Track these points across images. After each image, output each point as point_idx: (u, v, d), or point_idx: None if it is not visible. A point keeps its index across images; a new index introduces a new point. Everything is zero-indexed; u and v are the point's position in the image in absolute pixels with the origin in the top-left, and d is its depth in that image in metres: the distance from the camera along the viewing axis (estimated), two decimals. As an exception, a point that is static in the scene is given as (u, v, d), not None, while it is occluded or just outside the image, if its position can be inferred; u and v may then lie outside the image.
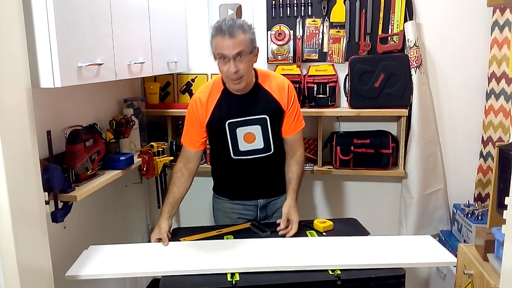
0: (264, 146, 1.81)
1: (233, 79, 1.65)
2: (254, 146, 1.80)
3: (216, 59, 1.66)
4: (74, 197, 1.59)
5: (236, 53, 1.59)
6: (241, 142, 1.79)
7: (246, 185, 1.91)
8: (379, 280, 1.40)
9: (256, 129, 1.78)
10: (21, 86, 1.18)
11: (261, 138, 1.79)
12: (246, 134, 1.78)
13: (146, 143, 2.30)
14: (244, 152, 1.81)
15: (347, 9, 2.31)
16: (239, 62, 1.61)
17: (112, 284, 2.19)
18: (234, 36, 1.58)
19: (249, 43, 1.63)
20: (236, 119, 1.76)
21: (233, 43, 1.58)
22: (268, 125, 1.78)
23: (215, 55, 1.65)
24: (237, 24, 1.61)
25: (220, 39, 1.59)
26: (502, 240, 1.27)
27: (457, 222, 2.26)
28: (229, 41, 1.58)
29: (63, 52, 1.31)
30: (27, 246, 1.21)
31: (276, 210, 1.96)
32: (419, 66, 2.25)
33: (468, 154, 2.38)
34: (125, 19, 1.73)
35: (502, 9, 2.10)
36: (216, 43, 1.61)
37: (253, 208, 1.94)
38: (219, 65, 1.66)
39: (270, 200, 1.95)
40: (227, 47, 1.58)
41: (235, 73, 1.62)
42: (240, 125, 1.77)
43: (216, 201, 2.03)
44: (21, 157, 1.18)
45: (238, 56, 1.60)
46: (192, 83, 2.59)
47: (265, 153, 1.82)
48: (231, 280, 1.38)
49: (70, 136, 1.68)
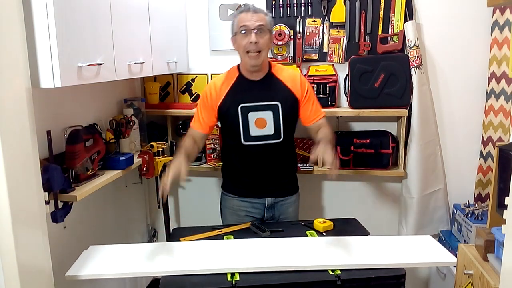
0: (275, 133, 1.85)
1: (252, 51, 1.75)
2: (264, 131, 1.84)
3: (236, 35, 1.79)
4: (74, 197, 1.59)
5: (258, 25, 1.74)
6: (252, 127, 1.83)
7: (255, 179, 1.92)
8: (379, 280, 1.40)
9: (268, 115, 1.83)
10: (21, 86, 1.18)
11: (272, 124, 1.84)
12: (258, 119, 1.83)
13: (146, 143, 2.30)
14: (255, 138, 1.84)
15: (347, 9, 2.31)
16: (259, 36, 1.74)
17: (112, 284, 2.19)
18: (257, 12, 1.77)
19: (269, 23, 1.80)
20: (248, 103, 1.82)
21: (256, 17, 1.75)
22: (279, 111, 1.83)
23: (237, 30, 1.78)
24: (256, 7, 1.82)
25: (244, 14, 1.77)
26: (502, 240, 1.27)
27: (457, 222, 2.26)
28: (253, 14, 1.75)
29: (63, 52, 1.31)
30: (27, 246, 1.21)
31: (283, 212, 1.97)
32: (419, 66, 2.25)
33: (468, 154, 2.38)
34: (125, 19, 1.73)
35: (502, 9, 2.10)
36: (239, 18, 1.77)
37: (260, 207, 1.95)
38: (239, 40, 1.77)
39: (277, 200, 1.95)
40: (250, 19, 1.74)
41: (255, 43, 1.73)
42: (253, 109, 1.82)
43: (224, 199, 2.03)
44: (21, 157, 1.18)
45: (259, 31, 1.74)
46: (192, 83, 2.59)
47: (274, 140, 1.86)
48: (231, 280, 1.38)
49: (70, 136, 1.68)
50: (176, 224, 2.77)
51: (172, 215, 2.71)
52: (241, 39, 1.76)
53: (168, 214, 2.55)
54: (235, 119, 1.83)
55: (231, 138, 1.88)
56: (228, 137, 1.93)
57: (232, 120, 1.84)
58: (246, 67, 1.84)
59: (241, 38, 1.76)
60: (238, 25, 1.77)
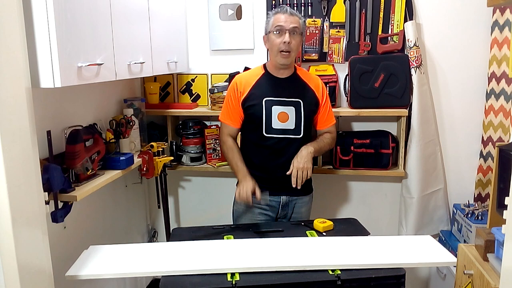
0: (295, 128, 1.93)
1: (284, 50, 1.84)
2: (286, 125, 1.92)
3: (269, 34, 1.88)
4: (74, 197, 1.59)
5: (292, 27, 1.83)
6: (274, 120, 1.91)
7: (272, 175, 1.94)
8: (379, 280, 1.40)
9: (290, 110, 1.92)
10: (21, 86, 1.18)
11: (294, 119, 1.92)
12: (281, 113, 1.91)
13: (146, 143, 2.30)
14: (276, 131, 1.92)
15: (347, 9, 2.31)
16: (292, 37, 1.84)
17: (112, 284, 2.19)
18: (293, 15, 1.86)
19: (302, 26, 1.89)
20: (273, 97, 1.91)
21: (292, 19, 1.84)
22: (301, 108, 1.93)
23: (272, 29, 1.86)
24: (292, 9, 1.90)
25: (280, 15, 1.85)
26: (502, 240, 1.27)
27: (457, 222, 2.26)
28: (289, 16, 1.85)
29: (63, 52, 1.31)
30: (27, 246, 1.21)
31: (296, 211, 2.00)
32: (419, 66, 2.25)
33: (468, 154, 2.38)
34: (125, 19, 1.73)
35: (502, 9, 2.10)
36: (275, 18, 1.86)
37: (275, 204, 1.98)
38: (272, 39, 1.87)
39: (292, 198, 1.98)
40: (285, 20, 1.84)
41: (288, 44, 1.82)
42: (276, 104, 1.91)
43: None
44: (21, 157, 1.18)
45: (292, 32, 1.83)
46: (192, 83, 2.59)
47: (294, 135, 1.93)
48: (231, 280, 1.38)
49: (70, 136, 1.68)
50: (176, 224, 2.77)
51: (172, 215, 2.71)
52: (274, 38, 1.86)
53: (168, 214, 2.56)
54: (259, 111, 1.90)
55: (253, 130, 1.94)
56: (250, 129, 1.97)
57: (255, 113, 1.91)
58: (274, 65, 1.93)
59: (274, 37, 1.85)
60: (273, 24, 1.86)
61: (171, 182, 2.66)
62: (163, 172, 2.40)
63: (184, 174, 2.72)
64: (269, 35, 1.89)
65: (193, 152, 2.51)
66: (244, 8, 2.44)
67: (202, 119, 2.57)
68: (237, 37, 2.48)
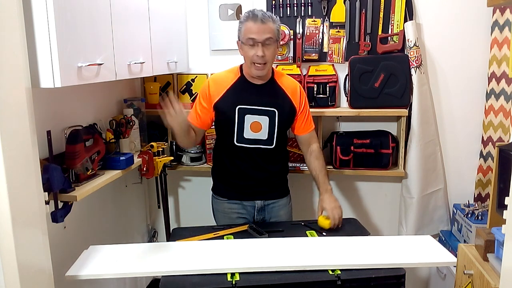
0: (268, 138, 1.85)
1: (258, 63, 1.73)
2: (258, 136, 1.84)
3: (242, 43, 1.76)
4: (74, 197, 1.59)
5: (265, 38, 1.70)
6: (246, 129, 1.83)
7: (244, 181, 1.91)
8: (379, 280, 1.40)
9: (264, 120, 1.83)
10: (21, 86, 1.18)
11: (267, 129, 1.84)
12: (253, 122, 1.83)
13: (146, 143, 2.30)
14: (248, 140, 1.84)
15: (347, 9, 2.31)
16: (266, 48, 1.72)
17: (112, 284, 2.19)
18: (265, 22, 1.70)
19: (276, 33, 1.75)
20: (246, 105, 1.81)
21: (264, 29, 1.70)
22: (276, 119, 1.83)
23: (243, 40, 1.74)
24: (267, 13, 1.74)
25: (251, 24, 1.71)
26: (502, 240, 1.27)
27: (457, 222, 2.26)
28: (261, 26, 1.70)
29: (63, 52, 1.31)
30: (27, 246, 1.21)
31: (274, 215, 1.97)
32: (419, 66, 2.25)
33: (468, 154, 2.38)
34: (125, 19, 1.73)
35: (502, 9, 2.10)
36: (246, 27, 1.72)
37: (250, 209, 1.95)
38: (245, 50, 1.75)
39: (268, 202, 1.95)
40: (257, 31, 1.70)
41: (262, 57, 1.71)
42: (250, 112, 1.82)
43: (215, 202, 2.04)
44: (21, 157, 1.18)
45: (266, 42, 1.71)
46: (192, 83, 2.59)
47: (266, 145, 1.86)
48: (231, 280, 1.38)
49: (70, 136, 1.68)
50: (176, 224, 2.77)
51: (172, 215, 2.71)
52: (247, 50, 1.74)
53: (168, 214, 2.56)
54: (231, 118, 1.81)
55: (224, 137, 1.88)
56: (221, 136, 1.91)
57: (227, 119, 1.82)
58: (249, 73, 1.83)
59: (247, 49, 1.74)
60: (245, 36, 1.73)
61: (171, 182, 2.66)
62: (163, 172, 2.41)
63: (184, 174, 2.72)
64: (243, 46, 1.76)
65: (193, 152, 2.51)
66: (244, 8, 2.44)
67: (202, 119, 2.57)
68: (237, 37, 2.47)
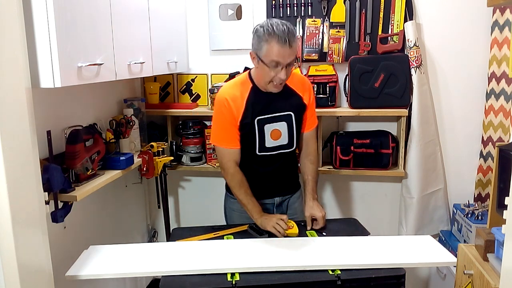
0: (288, 142, 1.84)
1: (278, 84, 1.68)
2: (279, 142, 1.83)
3: (261, 61, 1.64)
4: (74, 197, 1.59)
5: (290, 61, 1.63)
6: (267, 139, 1.81)
7: (265, 183, 1.90)
8: (379, 280, 1.40)
9: (282, 126, 1.82)
10: (21, 86, 1.18)
11: (286, 134, 1.83)
12: (273, 130, 1.81)
13: (146, 143, 2.30)
14: (269, 148, 1.83)
15: (347, 9, 2.31)
16: (288, 69, 1.65)
17: (112, 284, 2.19)
18: (292, 45, 1.59)
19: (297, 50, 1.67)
20: (264, 116, 1.78)
21: (291, 52, 1.61)
22: (293, 121, 1.82)
23: (265, 60, 1.62)
24: (291, 31, 1.60)
25: (278, 47, 1.58)
26: (502, 240, 1.27)
27: (457, 222, 2.26)
28: (289, 50, 1.59)
29: (63, 52, 1.31)
30: (27, 246, 1.21)
31: (290, 207, 1.98)
32: (419, 66, 2.25)
33: (468, 154, 2.38)
34: (125, 19, 1.73)
35: (502, 9, 2.10)
36: (270, 48, 1.59)
37: (269, 206, 1.94)
38: (265, 70, 1.65)
39: (285, 197, 1.97)
40: (284, 55, 1.59)
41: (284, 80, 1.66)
42: (268, 121, 1.79)
43: (231, 202, 1.99)
44: (21, 157, 1.18)
45: (289, 65, 1.64)
46: (192, 83, 2.59)
47: (288, 149, 1.86)
48: (231, 280, 1.38)
49: (70, 136, 1.68)
50: (176, 224, 2.77)
51: (172, 215, 2.71)
52: (268, 70, 1.64)
53: (168, 214, 2.56)
54: (251, 131, 1.79)
55: (246, 149, 1.84)
56: (243, 148, 1.85)
57: (248, 133, 1.79)
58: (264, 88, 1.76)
59: (269, 69, 1.64)
60: (268, 56, 1.61)
61: (171, 182, 2.66)
62: (163, 172, 2.41)
63: (184, 174, 2.72)
64: (260, 63, 1.65)
65: (193, 152, 2.51)
66: (244, 8, 2.44)
67: (202, 119, 2.57)
68: (237, 37, 2.48)
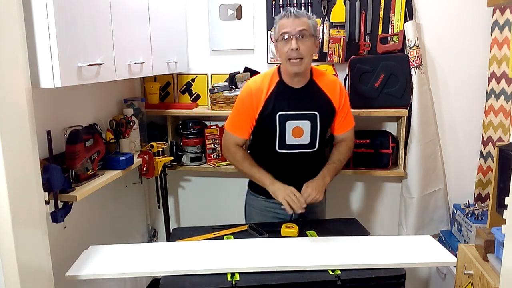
0: (310, 142, 1.82)
1: (293, 58, 1.68)
2: (300, 141, 1.81)
3: (277, 42, 1.73)
4: (74, 197, 1.59)
5: (299, 30, 1.67)
6: (288, 136, 1.79)
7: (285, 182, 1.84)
8: (379, 280, 1.40)
9: (306, 124, 1.80)
10: (21, 86, 1.18)
11: (309, 133, 1.81)
12: (295, 128, 1.79)
13: (146, 143, 2.30)
14: (290, 146, 1.81)
15: (347, 9, 2.31)
16: (300, 42, 1.67)
17: (112, 284, 2.19)
18: (298, 17, 1.68)
19: (311, 27, 1.71)
20: (287, 111, 1.77)
21: (297, 22, 1.67)
22: (317, 122, 1.80)
23: (278, 38, 1.71)
24: (302, 10, 1.74)
25: (285, 20, 1.70)
26: (502, 240, 1.27)
27: (457, 222, 2.26)
28: (294, 20, 1.68)
29: (63, 52, 1.31)
30: (27, 246, 1.21)
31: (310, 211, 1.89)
32: (419, 66, 2.25)
33: (468, 154, 2.38)
34: (125, 19, 1.73)
35: (502, 9, 2.10)
36: (280, 25, 1.71)
37: None
38: (280, 47, 1.72)
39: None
40: (290, 25, 1.67)
41: (296, 50, 1.66)
42: (291, 118, 1.78)
43: (251, 198, 1.98)
44: (21, 157, 1.18)
45: (300, 36, 1.67)
46: (192, 83, 2.59)
47: (309, 149, 1.84)
48: (231, 280, 1.38)
49: (70, 136, 1.68)
50: (176, 224, 2.77)
51: (172, 215, 2.71)
52: (282, 46, 1.70)
53: (168, 214, 2.56)
54: (272, 126, 1.78)
55: (265, 144, 1.84)
56: (262, 143, 1.86)
57: (269, 127, 1.79)
58: (287, 73, 1.77)
59: (282, 44, 1.70)
60: (279, 32, 1.70)
61: (171, 182, 2.66)
62: (163, 172, 2.41)
63: (184, 174, 2.72)
64: (277, 43, 1.73)
65: (193, 152, 2.51)
66: (244, 8, 2.44)
67: (202, 119, 2.57)
68: (237, 37, 2.48)
